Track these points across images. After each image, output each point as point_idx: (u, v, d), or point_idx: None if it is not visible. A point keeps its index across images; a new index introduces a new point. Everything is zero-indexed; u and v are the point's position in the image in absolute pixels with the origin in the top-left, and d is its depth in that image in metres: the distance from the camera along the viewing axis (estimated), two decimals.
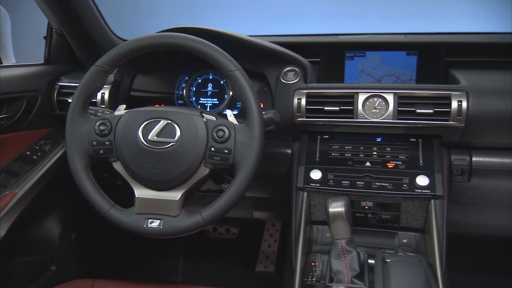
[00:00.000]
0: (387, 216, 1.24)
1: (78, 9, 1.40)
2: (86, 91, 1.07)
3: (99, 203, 1.05)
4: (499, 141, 1.23)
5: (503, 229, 1.49)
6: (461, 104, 1.16)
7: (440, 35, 1.43)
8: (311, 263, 1.16)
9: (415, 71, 1.40)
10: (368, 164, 1.23)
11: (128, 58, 1.08)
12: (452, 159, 1.25)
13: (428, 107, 1.18)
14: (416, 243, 1.23)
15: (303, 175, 1.24)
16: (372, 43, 1.44)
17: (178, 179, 1.03)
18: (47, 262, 1.51)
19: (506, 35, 1.42)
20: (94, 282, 1.18)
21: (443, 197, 1.17)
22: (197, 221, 1.01)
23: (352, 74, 1.45)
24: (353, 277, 1.04)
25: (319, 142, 1.29)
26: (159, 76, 1.53)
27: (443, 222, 1.16)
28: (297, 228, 1.22)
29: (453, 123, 1.17)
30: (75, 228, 1.62)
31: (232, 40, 1.31)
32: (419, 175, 1.18)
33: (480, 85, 1.20)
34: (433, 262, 1.10)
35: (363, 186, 1.20)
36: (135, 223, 1.03)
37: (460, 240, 1.68)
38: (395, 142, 1.25)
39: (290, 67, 1.32)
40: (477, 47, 1.40)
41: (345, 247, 1.05)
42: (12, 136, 1.40)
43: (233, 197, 1.01)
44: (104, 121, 1.07)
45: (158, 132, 1.03)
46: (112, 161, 1.07)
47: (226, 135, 1.02)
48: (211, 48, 1.04)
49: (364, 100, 1.22)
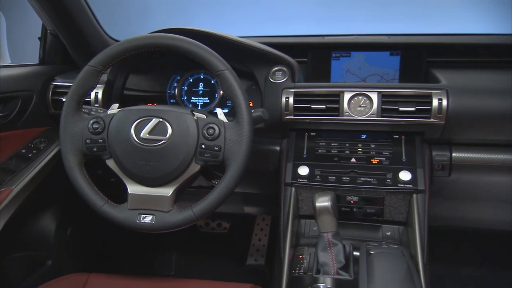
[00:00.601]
0: (372, 210, 1.25)
1: (71, 11, 1.39)
2: (79, 91, 1.07)
3: (92, 199, 1.04)
4: (478, 138, 1.24)
5: (482, 222, 1.50)
6: (441, 102, 1.16)
7: (421, 36, 1.44)
8: (299, 255, 1.16)
9: (398, 71, 1.41)
10: (353, 160, 1.23)
11: (121, 58, 1.07)
12: (433, 154, 1.26)
13: (410, 105, 1.18)
14: (399, 236, 1.24)
15: (291, 171, 1.24)
16: (357, 43, 1.45)
17: (169, 176, 1.03)
18: (43, 257, 1.50)
19: (484, 36, 1.44)
20: (89, 276, 1.17)
21: (424, 191, 1.17)
22: (188, 216, 1.01)
23: (338, 73, 1.45)
24: (339, 269, 1.05)
25: (306, 139, 1.29)
26: (151, 75, 1.52)
27: (425, 215, 1.17)
28: (285, 222, 1.22)
29: (434, 121, 1.17)
30: (70, 224, 1.61)
31: (222, 40, 1.30)
32: (402, 171, 1.19)
33: (460, 84, 1.21)
34: (415, 253, 1.10)
35: (348, 181, 1.20)
36: (128, 218, 1.03)
37: (441, 233, 1.69)
38: (379, 139, 1.26)
39: (278, 67, 1.32)
40: (457, 48, 1.41)
41: (331, 240, 1.06)
42: (7, 134, 1.39)
43: (223, 192, 1.00)
44: (98, 120, 1.06)
45: (150, 130, 1.03)
46: (105, 159, 1.07)
47: (216, 132, 1.02)
48: (201, 48, 1.04)
49: (349, 98, 1.22)
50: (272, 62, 1.33)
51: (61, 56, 1.59)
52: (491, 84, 1.21)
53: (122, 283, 1.16)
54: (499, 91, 1.18)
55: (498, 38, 1.41)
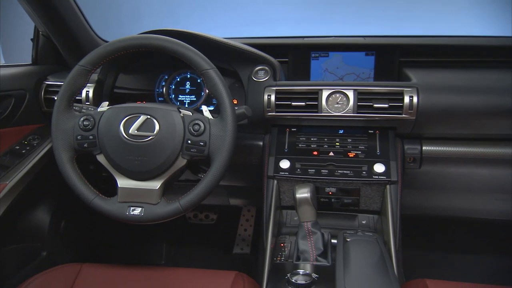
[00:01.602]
0: (348, 200, 1.26)
1: (62, 13, 1.37)
2: (70, 89, 1.05)
3: (84, 193, 1.03)
4: (446, 132, 1.26)
5: (451, 210, 1.53)
6: (412, 99, 1.17)
7: (394, 38, 1.45)
8: (281, 244, 1.17)
9: (373, 70, 1.42)
10: (331, 154, 1.24)
11: (110, 58, 1.06)
12: (405, 148, 1.27)
13: (383, 102, 1.19)
14: (374, 224, 1.26)
15: (273, 165, 1.24)
16: (335, 44, 1.45)
17: (157, 170, 1.02)
18: (38, 248, 1.48)
19: (452, 38, 1.45)
20: (82, 266, 1.16)
21: (397, 182, 1.19)
22: (175, 208, 1.01)
23: (317, 72, 1.45)
24: (318, 256, 1.06)
25: (287, 134, 1.30)
26: (140, 75, 1.51)
27: (397, 205, 1.18)
28: (267, 213, 1.22)
29: (406, 116, 1.19)
30: (64, 217, 1.59)
31: (208, 41, 1.29)
32: (376, 163, 1.20)
33: (429, 82, 1.22)
34: (388, 240, 1.12)
35: (327, 174, 1.21)
36: (118, 211, 1.02)
37: (414, 221, 1.71)
38: (355, 134, 1.27)
39: (261, 66, 1.32)
40: (427, 48, 1.42)
41: (310, 229, 1.07)
42: (1, 132, 1.36)
43: (208, 185, 1.00)
44: (88, 117, 1.05)
45: (138, 127, 1.02)
46: (95, 154, 1.05)
47: (201, 128, 1.01)
48: (186, 49, 1.03)
49: (327, 96, 1.23)
50: (255, 61, 1.33)
51: (53, 57, 1.57)
52: (458, 82, 1.23)
53: (114, 272, 1.15)
54: (465, 89, 1.20)
55: (465, 40, 1.43)
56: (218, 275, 1.11)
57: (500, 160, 1.26)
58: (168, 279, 1.12)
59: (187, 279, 1.11)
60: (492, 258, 1.82)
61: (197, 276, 1.12)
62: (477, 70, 1.31)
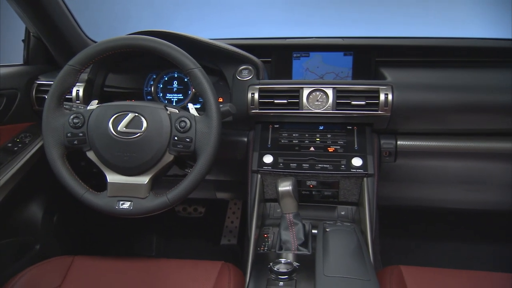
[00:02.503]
0: (328, 192, 1.26)
1: (52, 15, 1.35)
2: (60, 88, 1.04)
3: (74, 188, 1.02)
4: (419, 127, 1.27)
5: (425, 201, 1.54)
6: (387, 96, 1.18)
7: (371, 39, 1.46)
8: (264, 234, 1.17)
9: (351, 69, 1.43)
10: (312, 149, 1.24)
11: (98, 58, 1.05)
12: (381, 143, 1.28)
13: (361, 100, 1.20)
14: (352, 215, 1.27)
15: (257, 160, 1.24)
16: (315, 45, 1.46)
17: (145, 165, 1.01)
18: (31, 242, 1.46)
19: (425, 39, 1.46)
20: (74, 258, 1.15)
21: (373, 175, 1.20)
22: (163, 202, 1.00)
23: (298, 71, 1.46)
24: (299, 245, 1.06)
25: (270, 130, 1.30)
26: (129, 74, 1.49)
27: (374, 196, 1.19)
28: (252, 205, 1.22)
29: (381, 113, 1.19)
30: (56, 211, 1.56)
31: (194, 42, 1.28)
32: (354, 157, 1.20)
33: (403, 80, 1.22)
34: (365, 230, 1.13)
35: (308, 168, 1.21)
36: (107, 205, 1.01)
37: (391, 211, 1.73)
38: (334, 130, 1.27)
39: (244, 66, 1.31)
40: (401, 49, 1.43)
41: (292, 220, 1.07)
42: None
43: (194, 180, 1.00)
44: (78, 115, 1.04)
45: (126, 124, 1.01)
46: (85, 151, 1.04)
47: (187, 125, 1.01)
48: (172, 49, 1.02)
49: (308, 94, 1.23)
50: (239, 61, 1.32)
51: (44, 57, 1.54)
52: (430, 81, 1.24)
53: (105, 264, 1.14)
54: (436, 87, 1.21)
55: (436, 41, 1.44)
56: (205, 265, 1.11)
57: (470, 153, 1.28)
58: (157, 269, 1.11)
59: (176, 269, 1.10)
60: (463, 245, 1.85)
61: (186, 266, 1.11)
62: (447, 69, 1.32)
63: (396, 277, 1.05)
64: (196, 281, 1.05)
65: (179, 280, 1.06)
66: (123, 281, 1.08)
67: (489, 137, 1.26)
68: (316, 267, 0.85)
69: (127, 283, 1.07)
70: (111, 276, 1.10)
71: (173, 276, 1.08)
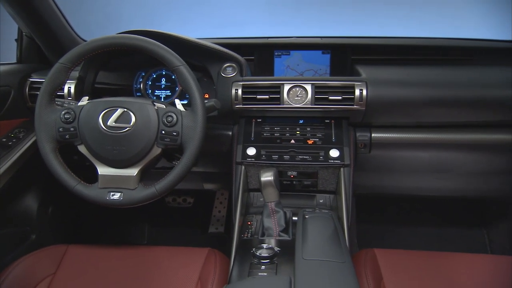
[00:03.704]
0: (308, 182, 1.26)
1: (44, 16, 1.32)
2: (51, 85, 1.02)
3: (66, 180, 1.01)
4: (391, 121, 1.27)
5: (398, 188, 1.56)
6: (362, 92, 1.19)
7: (347, 38, 1.46)
8: (248, 222, 1.17)
9: (329, 67, 1.42)
10: (292, 141, 1.24)
11: (88, 56, 1.02)
12: (357, 135, 1.29)
13: (337, 95, 1.20)
14: (330, 203, 1.27)
15: (241, 152, 1.23)
16: (295, 44, 1.45)
17: (134, 158, 1.00)
18: (27, 232, 1.43)
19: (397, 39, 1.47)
20: (68, 247, 1.14)
21: (350, 166, 1.20)
22: (151, 192, 0.99)
23: (280, 69, 1.45)
24: (280, 231, 1.07)
25: (253, 124, 1.29)
26: (119, 72, 1.47)
27: (350, 185, 1.19)
28: (236, 195, 1.22)
29: (356, 107, 1.20)
30: (51, 203, 1.54)
31: (181, 41, 1.27)
32: (332, 149, 1.21)
33: (377, 77, 1.23)
34: (342, 216, 1.13)
35: (288, 159, 1.21)
36: (98, 196, 1.00)
37: (368, 199, 1.75)
38: (313, 123, 1.27)
39: (229, 64, 1.30)
40: (375, 48, 1.43)
41: (274, 208, 1.07)
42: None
43: (181, 171, 0.99)
44: (69, 111, 1.02)
45: (116, 119, 1.00)
46: (77, 145, 1.03)
47: (174, 120, 1.00)
48: (158, 47, 1.01)
49: (288, 89, 1.22)
50: (223, 59, 1.31)
51: (37, 56, 1.50)
52: (402, 77, 1.24)
53: (98, 252, 1.13)
54: (407, 83, 1.22)
55: (407, 40, 1.45)
56: (193, 252, 1.11)
57: (438, 145, 1.29)
58: (149, 256, 1.11)
59: (166, 256, 1.10)
60: (433, 228, 1.88)
61: (175, 253, 1.11)
62: (417, 66, 1.33)
63: (370, 259, 1.07)
64: (185, 266, 1.06)
65: (169, 266, 1.06)
66: (115, 268, 1.07)
67: (455, 129, 1.28)
68: (295, 251, 0.85)
69: (120, 270, 1.07)
70: (104, 263, 1.09)
71: (163, 262, 1.08)
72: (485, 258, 1.08)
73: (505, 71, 1.25)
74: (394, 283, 0.98)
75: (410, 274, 1.02)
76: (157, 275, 1.04)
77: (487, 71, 1.27)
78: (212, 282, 0.99)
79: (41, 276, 1.04)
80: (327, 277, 0.73)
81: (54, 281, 1.04)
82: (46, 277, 1.04)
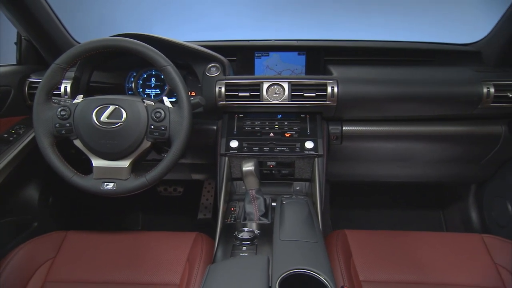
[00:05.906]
0: (286, 171, 1.27)
1: (40, 20, 1.29)
2: (47, 84, 0.99)
3: (63, 172, 0.99)
4: (360, 115, 1.29)
5: (367, 176, 1.58)
6: (333, 89, 1.19)
7: (320, 41, 1.46)
8: (231, 208, 1.17)
9: (304, 67, 1.43)
10: (271, 134, 1.24)
11: (82, 57, 1.00)
12: (330, 128, 1.29)
13: (312, 92, 1.20)
14: (306, 189, 1.28)
15: (225, 145, 1.23)
16: (274, 46, 1.44)
17: (126, 151, 0.99)
18: (29, 220, 1.41)
19: (366, 41, 1.48)
20: (67, 233, 1.12)
21: (323, 156, 1.21)
22: (142, 182, 0.98)
23: (260, 69, 1.44)
24: (261, 216, 1.07)
25: (236, 119, 1.28)
26: (112, 72, 1.44)
27: (323, 173, 1.20)
28: (220, 183, 1.22)
29: (329, 103, 1.20)
30: (51, 193, 1.51)
31: (169, 44, 1.25)
32: (307, 141, 1.21)
33: (347, 76, 1.23)
34: (316, 202, 1.14)
35: (268, 151, 1.21)
36: (93, 186, 0.98)
37: (340, 186, 1.77)
38: (290, 118, 1.27)
39: (213, 64, 1.29)
40: (346, 50, 1.44)
41: (255, 195, 1.08)
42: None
43: (169, 163, 0.98)
44: (64, 108, 1.00)
45: (108, 115, 0.98)
46: (72, 139, 1.01)
47: (162, 115, 0.99)
48: (147, 49, 0.99)
49: (267, 87, 1.22)
50: (208, 60, 1.29)
51: (35, 57, 1.46)
52: (370, 76, 1.25)
53: (95, 237, 1.11)
54: (374, 81, 1.23)
55: (375, 43, 1.46)
56: (182, 236, 1.11)
57: (401, 136, 1.32)
58: (142, 240, 1.10)
59: (158, 240, 1.09)
60: (398, 211, 1.91)
61: (166, 237, 1.11)
62: (383, 67, 1.34)
63: (341, 239, 1.08)
64: (175, 249, 1.06)
65: (161, 248, 1.06)
66: (111, 251, 1.06)
67: (416, 122, 1.30)
68: (273, 233, 0.86)
69: (115, 253, 1.06)
70: (101, 247, 1.08)
71: (156, 245, 1.07)
72: (441, 235, 1.10)
73: (461, 71, 1.27)
74: (362, 259, 1.00)
75: (376, 251, 1.04)
76: (149, 257, 1.04)
77: (445, 71, 1.28)
78: (199, 263, 0.99)
79: (42, 260, 1.03)
80: (300, 255, 0.74)
81: (54, 264, 1.02)
82: (46, 260, 1.03)
